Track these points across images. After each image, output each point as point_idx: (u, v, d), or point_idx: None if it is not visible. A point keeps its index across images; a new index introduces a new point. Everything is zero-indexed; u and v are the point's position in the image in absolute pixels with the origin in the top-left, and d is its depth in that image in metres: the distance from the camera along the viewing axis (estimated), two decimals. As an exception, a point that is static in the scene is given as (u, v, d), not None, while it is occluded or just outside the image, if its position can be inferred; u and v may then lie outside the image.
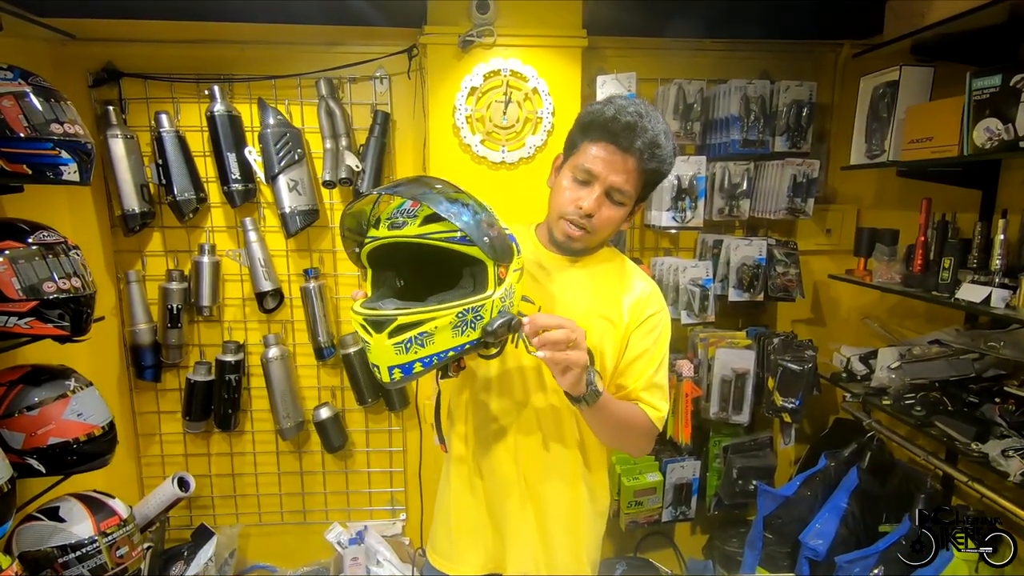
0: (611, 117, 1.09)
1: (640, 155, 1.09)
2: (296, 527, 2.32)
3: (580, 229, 1.15)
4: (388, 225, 1.01)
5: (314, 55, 2.02)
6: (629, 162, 1.10)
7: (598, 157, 1.11)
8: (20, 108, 1.28)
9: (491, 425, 1.26)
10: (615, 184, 1.11)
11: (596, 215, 1.13)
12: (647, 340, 1.22)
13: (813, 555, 1.74)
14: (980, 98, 1.39)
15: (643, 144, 1.08)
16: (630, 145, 1.09)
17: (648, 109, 1.12)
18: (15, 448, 1.35)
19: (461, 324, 0.96)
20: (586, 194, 1.13)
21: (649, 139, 1.09)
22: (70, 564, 1.38)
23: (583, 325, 1.16)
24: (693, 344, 2.17)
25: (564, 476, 1.27)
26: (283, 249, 2.13)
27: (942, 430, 1.56)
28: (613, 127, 1.09)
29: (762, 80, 1.98)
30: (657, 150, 1.10)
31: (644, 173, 1.12)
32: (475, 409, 1.27)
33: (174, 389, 2.18)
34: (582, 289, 1.22)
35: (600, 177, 1.11)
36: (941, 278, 1.60)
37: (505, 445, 1.25)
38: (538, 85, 1.91)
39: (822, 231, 2.25)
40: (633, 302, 1.22)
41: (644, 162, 1.10)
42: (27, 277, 1.31)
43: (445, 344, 0.96)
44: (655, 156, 1.10)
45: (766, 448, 2.20)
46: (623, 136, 1.08)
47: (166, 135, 1.95)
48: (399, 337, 0.94)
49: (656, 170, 1.13)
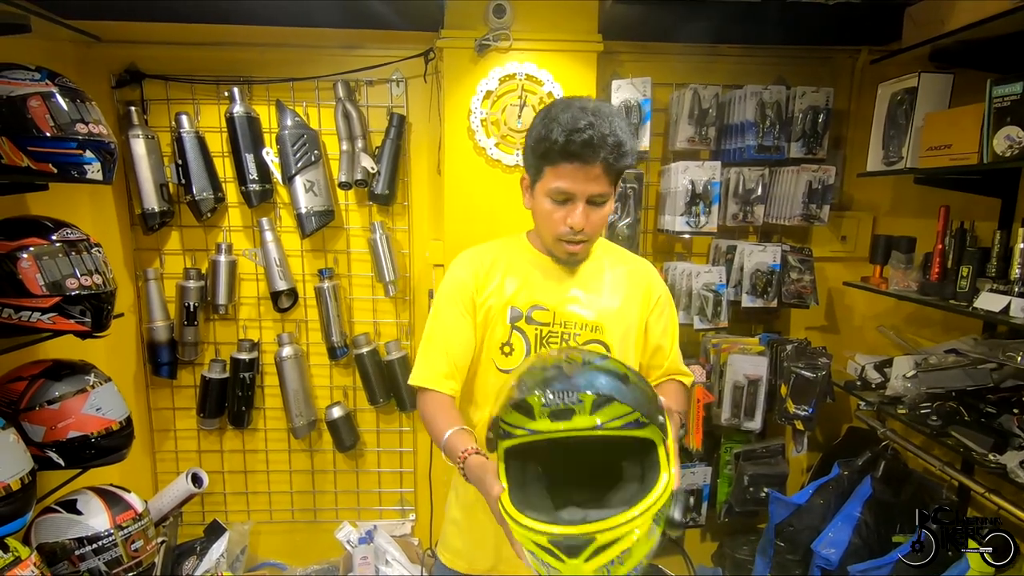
0: (565, 141, 1.08)
1: (606, 160, 1.09)
2: (306, 525, 2.34)
3: (578, 243, 1.18)
4: (549, 415, 0.81)
5: (332, 58, 2.04)
6: (598, 168, 1.10)
7: (568, 178, 1.12)
8: (47, 108, 1.32)
9: None
10: (593, 193, 1.13)
11: (589, 225, 1.15)
12: (663, 320, 1.31)
13: (825, 564, 1.72)
14: (1001, 106, 1.37)
15: (606, 151, 1.08)
16: (594, 157, 1.08)
17: (595, 108, 1.10)
18: (35, 441, 1.38)
19: (655, 524, 0.80)
20: (570, 211, 1.14)
21: (611, 144, 1.08)
22: (86, 556, 1.40)
23: (604, 321, 1.22)
24: (705, 349, 2.16)
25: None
26: (298, 249, 2.15)
27: (958, 440, 1.54)
28: (571, 149, 1.08)
29: (778, 85, 1.98)
30: (620, 147, 1.10)
31: (615, 168, 1.12)
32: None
33: (189, 386, 2.21)
34: (592, 287, 1.25)
35: (578, 194, 1.13)
36: (959, 287, 1.59)
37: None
38: (553, 89, 1.92)
39: (837, 238, 2.23)
40: (641, 288, 1.28)
41: (612, 162, 1.10)
42: (50, 273, 1.34)
43: (640, 554, 0.79)
44: (621, 154, 1.11)
45: (778, 455, 2.18)
46: (584, 153, 1.08)
47: (186, 136, 1.98)
48: (598, 560, 0.76)
49: (626, 167, 1.15)
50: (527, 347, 1.23)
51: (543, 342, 1.23)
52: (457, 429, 1.12)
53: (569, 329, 1.23)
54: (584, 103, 1.11)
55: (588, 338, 1.24)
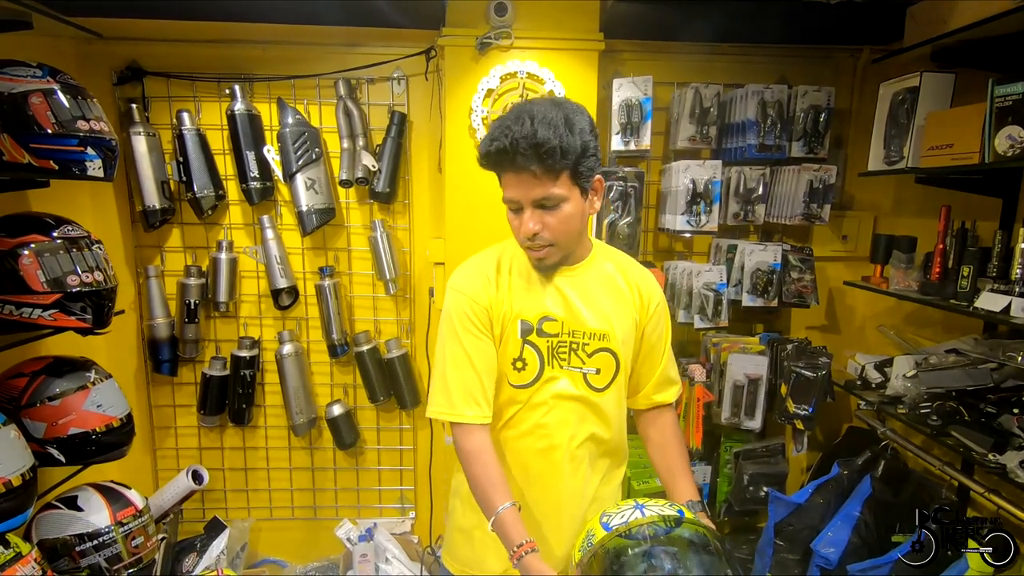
0: (490, 152, 1.08)
1: (539, 162, 1.06)
2: (306, 523, 2.34)
3: (541, 248, 1.16)
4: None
5: (333, 56, 2.04)
6: (535, 173, 1.08)
7: (509, 186, 1.12)
8: (48, 105, 1.32)
9: (535, 445, 1.25)
10: (538, 197, 1.10)
11: (544, 227, 1.13)
12: (660, 327, 1.31)
13: (825, 563, 1.72)
14: (1002, 105, 1.37)
15: (530, 154, 1.05)
16: (523, 162, 1.06)
17: (526, 111, 1.07)
18: (37, 437, 1.38)
19: None
20: (523, 219, 1.14)
21: (527, 148, 1.05)
22: (87, 552, 1.41)
23: (607, 326, 1.22)
24: (706, 349, 2.16)
25: (597, 480, 1.30)
26: (299, 247, 2.15)
27: (958, 440, 1.54)
28: (498, 159, 1.09)
29: (780, 84, 1.97)
30: (541, 148, 1.04)
31: (554, 168, 1.08)
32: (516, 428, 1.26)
33: (190, 383, 2.21)
34: (595, 294, 1.24)
35: (522, 200, 1.12)
36: (960, 286, 1.58)
37: (550, 469, 1.25)
38: (555, 88, 1.92)
39: (838, 237, 2.23)
40: (640, 295, 1.28)
41: (548, 164, 1.07)
42: (52, 270, 1.34)
43: None
44: (546, 154, 1.05)
45: (778, 455, 2.18)
46: (510, 160, 1.08)
47: (187, 133, 1.98)
48: None
49: (566, 165, 1.08)
50: (541, 361, 1.21)
51: (555, 354, 1.22)
52: (510, 507, 1.11)
53: (578, 339, 1.22)
54: (522, 108, 1.09)
55: (596, 347, 1.23)
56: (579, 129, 1.08)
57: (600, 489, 1.32)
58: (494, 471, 1.15)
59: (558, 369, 1.22)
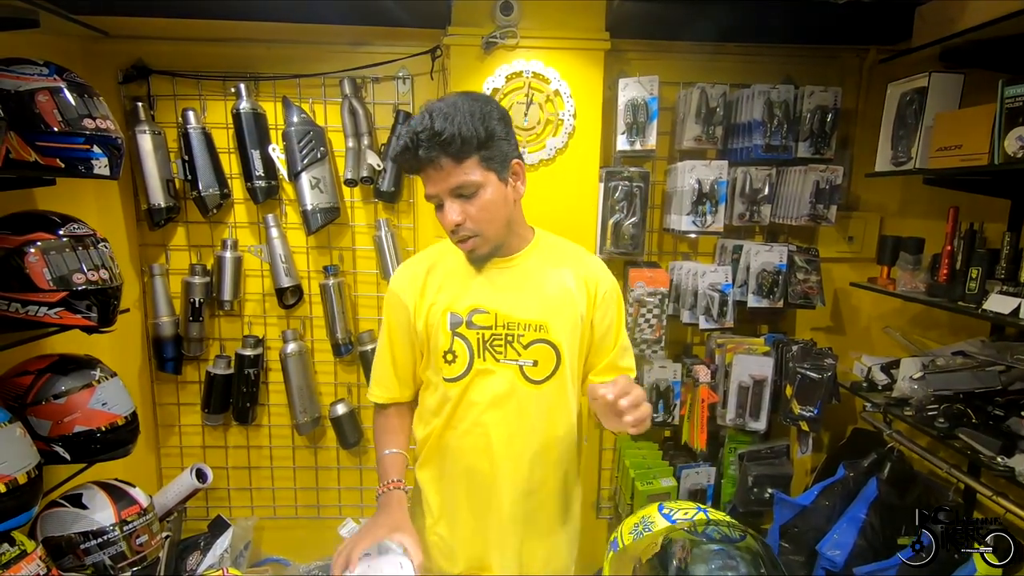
0: (398, 153, 1.13)
1: (443, 149, 1.09)
2: (310, 521, 2.34)
3: (468, 239, 1.17)
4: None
5: (338, 55, 2.04)
6: (447, 165, 1.11)
7: (427, 183, 1.15)
8: (55, 103, 1.32)
9: (475, 444, 1.26)
10: (452, 187, 1.13)
11: (466, 217, 1.15)
12: (610, 313, 1.29)
13: (830, 565, 1.71)
14: (1012, 106, 1.36)
15: (437, 147, 1.09)
16: (427, 154, 1.10)
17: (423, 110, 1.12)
18: (42, 435, 1.38)
19: None
20: (444, 212, 1.15)
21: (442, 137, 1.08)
22: (91, 550, 1.41)
23: (545, 317, 1.22)
24: (710, 350, 2.15)
25: (542, 476, 1.29)
26: (304, 246, 2.15)
27: (966, 443, 1.53)
28: (406, 158, 1.12)
29: (786, 85, 1.96)
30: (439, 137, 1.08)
31: (457, 156, 1.10)
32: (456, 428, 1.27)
33: (194, 382, 2.21)
34: (533, 283, 1.23)
35: (440, 193, 1.14)
36: (968, 288, 1.58)
37: (490, 469, 1.26)
38: (560, 87, 1.91)
39: (844, 238, 2.22)
40: (587, 283, 1.27)
41: (453, 152, 1.09)
42: (57, 268, 1.34)
43: None
44: (446, 142, 1.08)
45: (783, 456, 2.17)
46: (416, 156, 1.11)
47: (192, 131, 1.98)
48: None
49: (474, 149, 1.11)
50: (470, 353, 1.22)
51: (487, 346, 1.22)
52: (392, 452, 1.28)
53: (513, 330, 1.22)
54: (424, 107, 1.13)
55: (533, 338, 1.22)
56: (480, 115, 1.11)
57: (547, 489, 1.30)
58: (387, 427, 1.34)
59: (491, 362, 1.22)
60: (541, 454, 1.27)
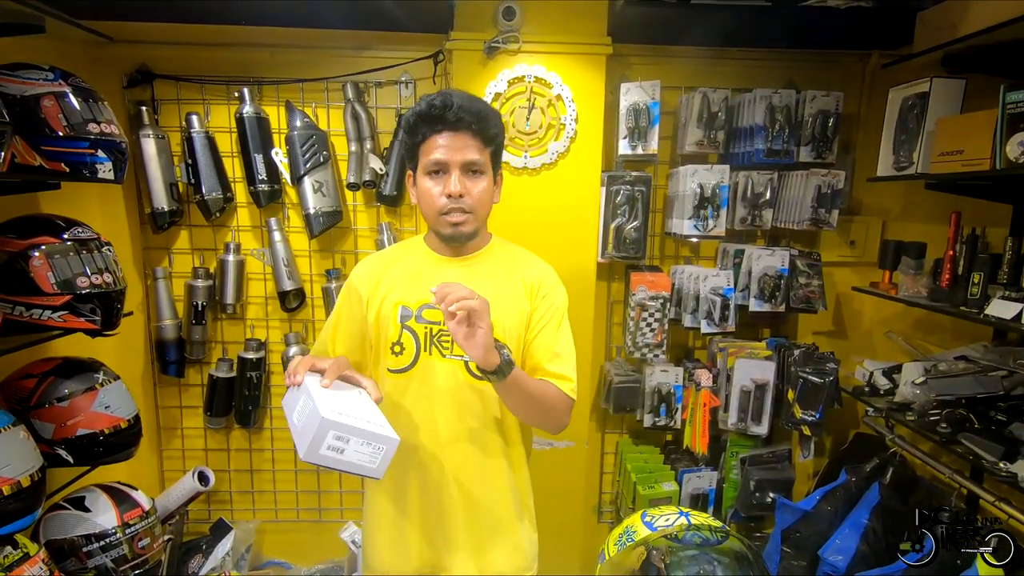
0: (428, 108, 1.16)
1: (470, 126, 1.16)
2: (311, 524, 2.34)
3: (461, 214, 1.19)
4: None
5: (341, 59, 2.05)
6: (465, 137, 1.16)
7: (440, 147, 1.17)
8: (60, 108, 1.33)
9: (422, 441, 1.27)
10: (466, 160, 1.17)
11: (467, 193, 1.18)
12: (545, 316, 1.28)
13: (832, 571, 1.71)
14: (1014, 111, 1.36)
15: (469, 117, 1.15)
16: (459, 123, 1.15)
17: (454, 90, 1.20)
18: (45, 438, 1.38)
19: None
20: (447, 181, 1.17)
21: (469, 110, 1.15)
22: (94, 553, 1.41)
23: (494, 316, 1.17)
24: (712, 354, 2.15)
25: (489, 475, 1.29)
26: (306, 249, 2.16)
27: (968, 448, 1.53)
28: (436, 114, 1.16)
29: (788, 89, 1.97)
30: (479, 114, 1.16)
31: (483, 140, 1.18)
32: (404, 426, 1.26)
33: (197, 385, 2.22)
34: (483, 283, 1.23)
35: (451, 162, 1.17)
36: (970, 293, 1.57)
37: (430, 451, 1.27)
38: (562, 92, 1.92)
39: (846, 243, 2.22)
40: (530, 286, 1.28)
41: (476, 129, 1.16)
42: (62, 272, 1.35)
43: None
44: (481, 119, 1.17)
45: (784, 461, 2.17)
46: (448, 119, 1.15)
47: (196, 136, 1.99)
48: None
49: (493, 137, 1.20)
50: (417, 346, 1.24)
51: (434, 340, 1.24)
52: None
53: None
54: (446, 90, 1.20)
55: None
56: (498, 117, 1.23)
57: (498, 484, 1.30)
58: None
59: (438, 357, 1.24)
60: (487, 448, 1.28)
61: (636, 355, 2.06)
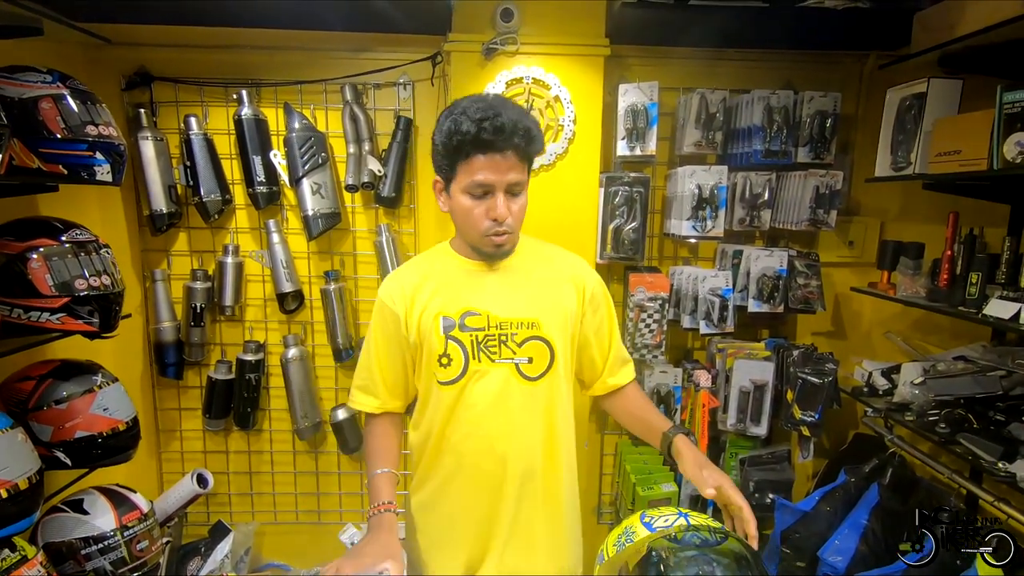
0: (477, 131, 1.10)
1: (517, 146, 1.13)
2: (310, 527, 2.34)
3: (504, 235, 1.19)
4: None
5: (340, 61, 2.05)
6: (511, 158, 1.14)
7: (484, 169, 1.13)
8: (58, 110, 1.33)
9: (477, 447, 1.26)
10: (513, 181, 1.15)
11: (511, 215, 1.17)
12: (600, 310, 1.33)
13: (832, 571, 1.70)
14: (1011, 111, 1.36)
15: (518, 138, 1.12)
16: (506, 144, 1.12)
17: (496, 100, 1.15)
18: (43, 440, 1.38)
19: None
20: (492, 204, 1.16)
21: (521, 130, 1.12)
22: (92, 556, 1.40)
23: (537, 314, 1.23)
24: (711, 355, 2.15)
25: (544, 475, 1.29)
26: (305, 251, 2.16)
27: (967, 448, 1.53)
28: (483, 138, 1.11)
29: (786, 90, 1.97)
30: (529, 133, 1.14)
31: (527, 156, 1.17)
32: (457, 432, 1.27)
33: (195, 387, 2.22)
34: (523, 284, 1.25)
35: (496, 184, 1.14)
36: (968, 293, 1.58)
37: (485, 455, 1.26)
38: (560, 93, 1.92)
39: (844, 243, 2.22)
40: (574, 281, 1.30)
41: (522, 150, 1.14)
42: (60, 274, 1.34)
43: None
44: (530, 139, 1.15)
45: (783, 461, 2.17)
46: (496, 142, 1.11)
47: (194, 138, 1.99)
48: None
49: (536, 152, 1.19)
50: (465, 355, 1.23)
51: (481, 347, 1.23)
52: (383, 472, 1.27)
53: (506, 330, 1.23)
54: (484, 98, 1.16)
55: (526, 335, 1.23)
56: (538, 125, 1.19)
57: (554, 484, 1.30)
58: (379, 444, 1.33)
59: (487, 363, 1.23)
60: (544, 450, 1.28)
61: (635, 356, 2.06)
